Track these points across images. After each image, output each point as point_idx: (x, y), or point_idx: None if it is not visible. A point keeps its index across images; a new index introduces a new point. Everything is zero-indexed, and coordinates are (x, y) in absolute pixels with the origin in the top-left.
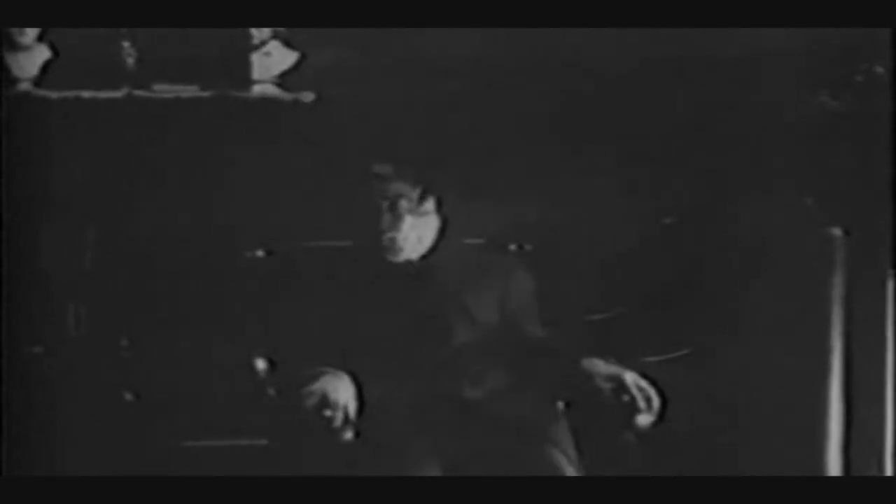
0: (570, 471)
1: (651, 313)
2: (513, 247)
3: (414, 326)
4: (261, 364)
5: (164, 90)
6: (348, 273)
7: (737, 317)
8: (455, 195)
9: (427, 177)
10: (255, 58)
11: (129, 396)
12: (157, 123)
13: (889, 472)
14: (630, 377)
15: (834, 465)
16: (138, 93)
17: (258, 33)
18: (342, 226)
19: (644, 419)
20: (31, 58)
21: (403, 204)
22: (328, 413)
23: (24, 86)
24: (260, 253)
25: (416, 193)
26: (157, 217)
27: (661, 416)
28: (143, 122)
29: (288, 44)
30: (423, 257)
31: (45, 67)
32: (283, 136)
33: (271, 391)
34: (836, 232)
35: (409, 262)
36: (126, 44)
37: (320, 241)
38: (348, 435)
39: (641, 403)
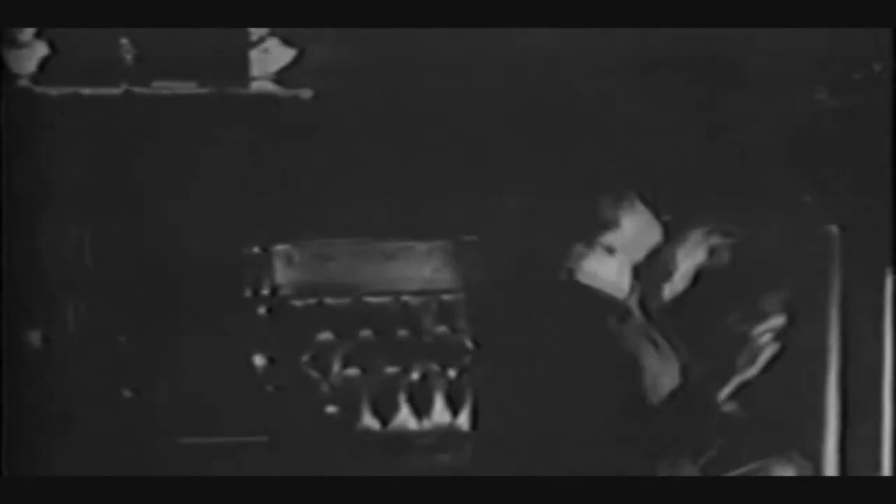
0: None
1: None
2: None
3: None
4: (259, 360)
5: (162, 87)
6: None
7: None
8: (453, 192)
9: (425, 173)
10: (254, 54)
11: (127, 393)
12: (155, 120)
13: (886, 472)
14: None
15: (831, 465)
16: (137, 89)
17: (256, 30)
18: (339, 222)
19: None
20: (29, 54)
21: None
22: None
23: (23, 82)
24: (256, 249)
25: None
26: (155, 213)
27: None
28: (142, 118)
29: (286, 41)
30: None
31: (43, 64)
32: (280, 132)
33: (270, 388)
34: (834, 229)
35: None
36: (124, 41)
37: (317, 238)
38: None
39: None
